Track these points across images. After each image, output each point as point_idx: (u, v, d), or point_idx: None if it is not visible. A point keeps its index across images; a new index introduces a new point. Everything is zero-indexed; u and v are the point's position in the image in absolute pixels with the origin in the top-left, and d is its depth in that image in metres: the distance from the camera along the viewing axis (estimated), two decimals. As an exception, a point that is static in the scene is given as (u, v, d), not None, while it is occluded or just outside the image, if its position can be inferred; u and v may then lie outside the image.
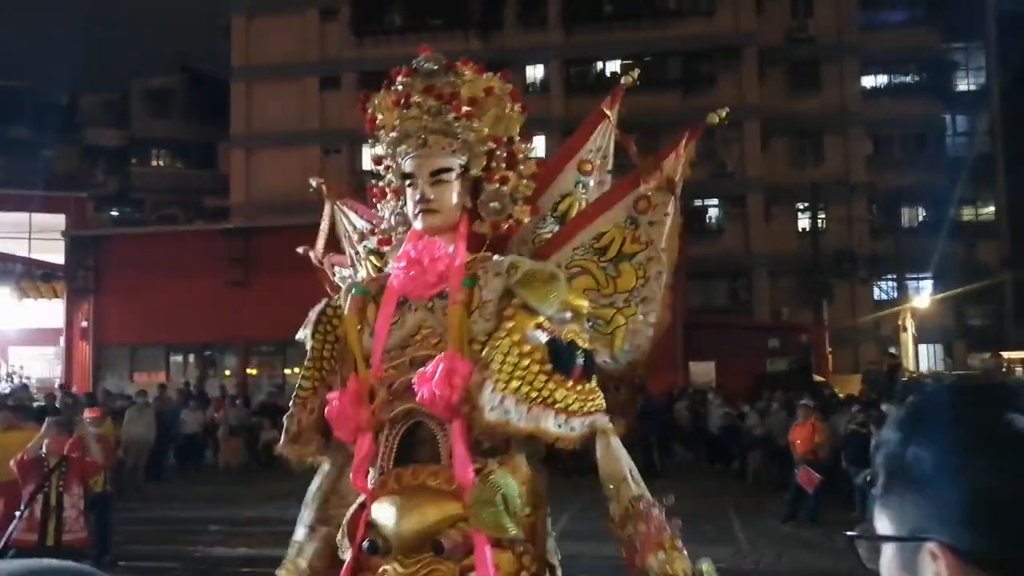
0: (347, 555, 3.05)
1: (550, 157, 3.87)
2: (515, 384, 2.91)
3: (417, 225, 3.26)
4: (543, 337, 3.01)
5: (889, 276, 33.82)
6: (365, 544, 2.95)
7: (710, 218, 32.68)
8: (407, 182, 3.30)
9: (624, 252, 3.40)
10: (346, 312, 3.29)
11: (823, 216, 31.26)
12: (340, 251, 3.92)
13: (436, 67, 3.39)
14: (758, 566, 10.64)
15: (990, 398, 1.00)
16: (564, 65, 32.69)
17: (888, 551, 1.03)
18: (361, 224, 3.80)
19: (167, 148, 41.58)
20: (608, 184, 3.66)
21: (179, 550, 11.16)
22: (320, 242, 3.94)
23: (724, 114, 3.74)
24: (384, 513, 2.93)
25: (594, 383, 3.11)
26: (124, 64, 41.79)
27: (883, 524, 1.04)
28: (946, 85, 36.01)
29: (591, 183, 3.59)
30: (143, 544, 11.32)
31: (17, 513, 8.17)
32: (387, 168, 3.45)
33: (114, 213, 40.18)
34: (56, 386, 23.52)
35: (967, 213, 35.42)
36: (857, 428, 13.46)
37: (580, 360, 3.03)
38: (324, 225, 3.93)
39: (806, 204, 31.08)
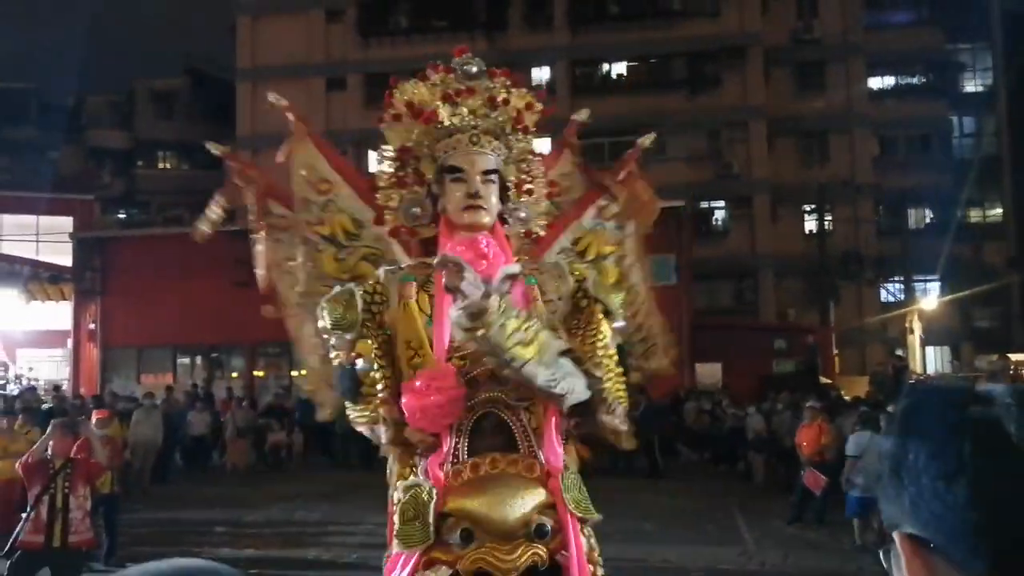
0: (414, 548, 2.99)
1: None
2: (619, 393, 3.23)
3: (464, 219, 3.33)
4: (617, 341, 3.30)
5: (896, 278, 33.76)
6: (458, 534, 2.97)
7: (716, 219, 32.66)
8: (450, 176, 3.35)
9: (601, 253, 3.82)
10: (397, 299, 3.26)
11: (829, 217, 31.23)
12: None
13: (477, 70, 3.49)
14: (764, 567, 10.62)
15: (952, 403, 1.01)
16: (570, 66, 32.68)
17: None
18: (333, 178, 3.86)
19: (172, 150, 41.65)
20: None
21: (185, 551, 11.13)
22: (280, 156, 4.01)
23: (651, 138, 4.26)
24: (477, 502, 2.98)
25: None
26: (129, 66, 41.89)
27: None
28: (952, 86, 35.97)
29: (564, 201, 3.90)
30: (150, 545, 11.33)
31: (23, 515, 8.21)
32: (414, 158, 3.46)
33: (120, 215, 40.27)
34: (52, 388, 23.58)
35: (974, 214, 35.37)
36: (864, 430, 13.43)
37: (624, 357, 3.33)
38: (286, 149, 4.00)
39: (812, 205, 31.03)
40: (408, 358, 3.17)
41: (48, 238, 29.55)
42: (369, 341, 3.25)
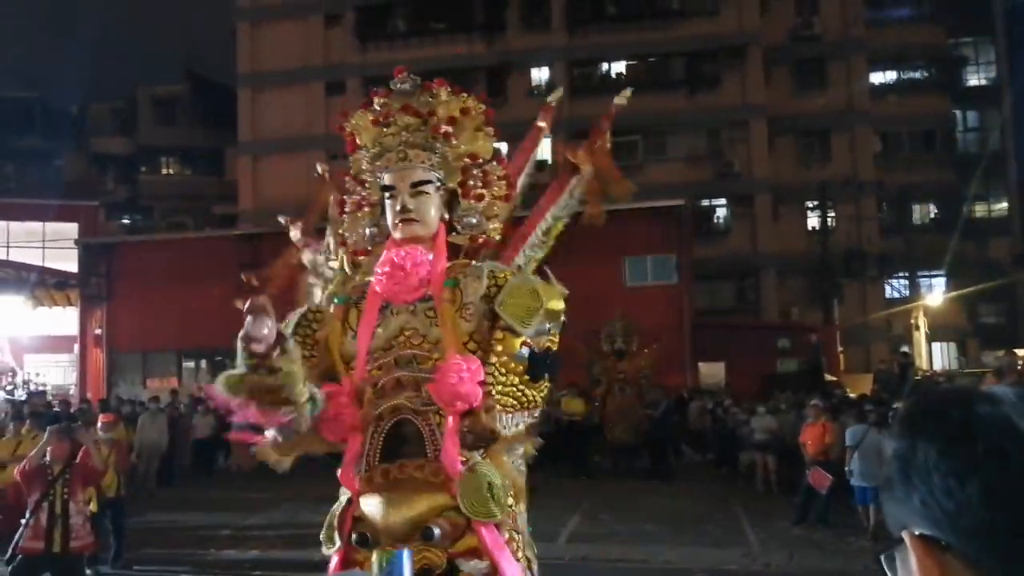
0: (333, 550, 3.31)
1: (555, 159, 4.12)
2: (505, 400, 3.23)
3: (397, 234, 3.48)
4: (525, 352, 3.27)
5: (900, 274, 33.70)
6: (354, 537, 3.18)
7: (717, 218, 32.63)
8: (387, 194, 3.52)
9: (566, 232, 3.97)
10: (329, 319, 3.49)
11: (832, 215, 31.18)
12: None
13: (410, 87, 3.59)
14: (768, 568, 10.62)
15: (959, 402, 1.02)
16: (568, 67, 32.67)
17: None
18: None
19: (175, 155, 41.72)
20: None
21: (191, 554, 11.21)
22: (309, 221, 4.20)
23: (628, 95, 4.46)
24: (373, 506, 3.14)
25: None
26: (131, 73, 41.99)
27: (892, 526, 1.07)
28: (955, 81, 35.90)
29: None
30: (156, 548, 11.38)
31: (23, 521, 8.23)
32: (365, 183, 3.68)
33: (125, 221, 40.37)
34: (60, 394, 23.62)
35: (979, 210, 35.28)
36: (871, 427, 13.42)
37: (548, 362, 3.33)
38: (318, 207, 4.13)
39: (814, 203, 31.00)
40: (339, 370, 3.41)
41: (54, 244, 29.66)
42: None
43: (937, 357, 32.57)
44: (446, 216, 3.58)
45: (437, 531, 3.07)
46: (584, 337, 17.43)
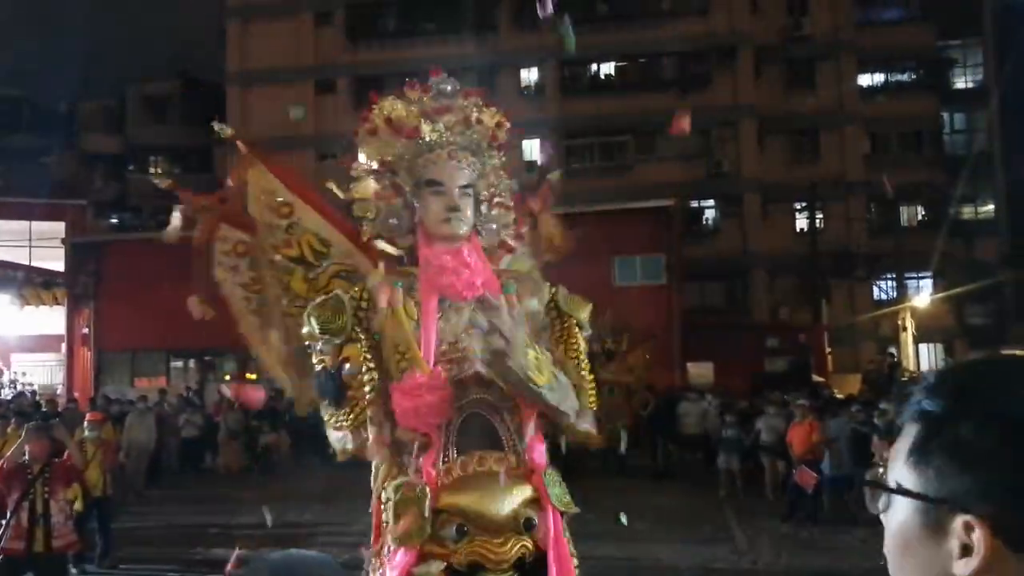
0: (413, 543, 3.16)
1: (544, 157, 4.22)
2: (590, 398, 3.54)
3: (442, 230, 3.48)
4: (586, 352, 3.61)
5: (888, 275, 33.80)
6: (451, 530, 3.15)
7: (706, 219, 32.70)
8: (431, 189, 3.51)
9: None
10: (388, 305, 3.40)
11: (821, 215, 31.25)
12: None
13: (451, 89, 3.67)
14: (756, 565, 10.66)
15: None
16: (559, 67, 32.69)
17: (906, 510, 1.03)
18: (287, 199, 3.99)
19: (164, 154, 41.59)
20: None
21: (179, 553, 11.20)
22: (229, 183, 4.15)
23: (557, 176, 4.50)
24: (469, 499, 3.16)
25: None
26: (120, 71, 41.82)
27: (908, 482, 1.03)
28: (943, 82, 36.03)
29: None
30: (144, 547, 11.37)
31: (3, 522, 8.17)
32: (391, 171, 3.62)
33: (113, 220, 40.21)
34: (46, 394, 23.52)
35: (966, 211, 35.41)
36: (857, 427, 13.49)
37: None
38: (234, 177, 4.11)
39: (804, 203, 31.07)
40: (396, 361, 3.35)
41: (41, 243, 29.55)
42: (358, 345, 3.42)
43: (924, 358, 32.69)
44: (474, 221, 3.63)
45: (536, 520, 3.19)
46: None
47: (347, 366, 3.48)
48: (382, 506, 3.39)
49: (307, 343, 3.55)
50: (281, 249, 3.95)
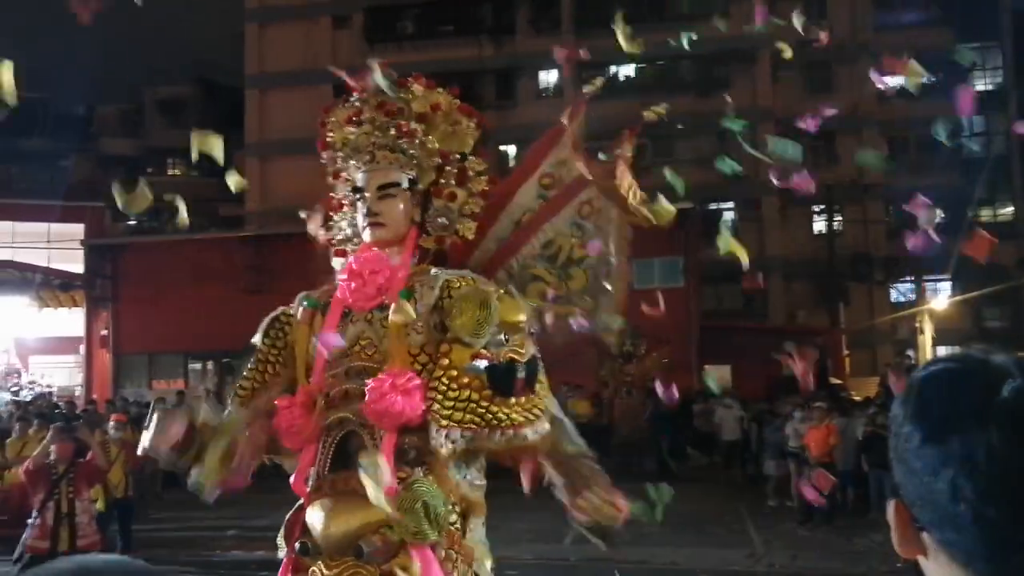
0: (282, 555, 3.31)
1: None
2: (459, 415, 3.02)
3: (365, 238, 3.40)
4: (482, 365, 3.07)
5: (906, 278, 33.66)
6: (297, 545, 3.15)
7: (724, 221, 32.64)
8: (357, 196, 3.43)
9: (572, 259, 3.63)
10: (297, 323, 3.43)
11: (839, 219, 31.13)
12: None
13: (388, 84, 3.43)
14: (772, 568, 10.63)
15: (976, 387, 1.00)
16: (577, 70, 32.66)
17: None
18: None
19: (182, 157, 41.81)
20: None
21: (197, 555, 11.25)
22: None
23: (661, 109, 4.19)
24: (315, 516, 3.09)
25: (540, 388, 3.19)
26: (138, 74, 42.07)
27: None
28: (962, 85, 35.81)
29: (552, 195, 3.73)
30: (161, 549, 11.41)
31: (29, 521, 8.26)
32: (344, 181, 3.56)
33: (131, 222, 40.42)
34: (49, 393, 23.65)
35: (984, 214, 35.21)
36: (875, 430, 13.41)
37: (521, 374, 3.09)
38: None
39: (821, 206, 30.97)
40: (299, 378, 3.37)
41: (59, 246, 29.72)
42: (259, 352, 3.54)
43: (943, 361, 32.45)
44: (417, 218, 3.45)
45: (367, 549, 2.99)
46: (591, 339, 17.44)
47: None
48: None
49: None
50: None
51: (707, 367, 24.80)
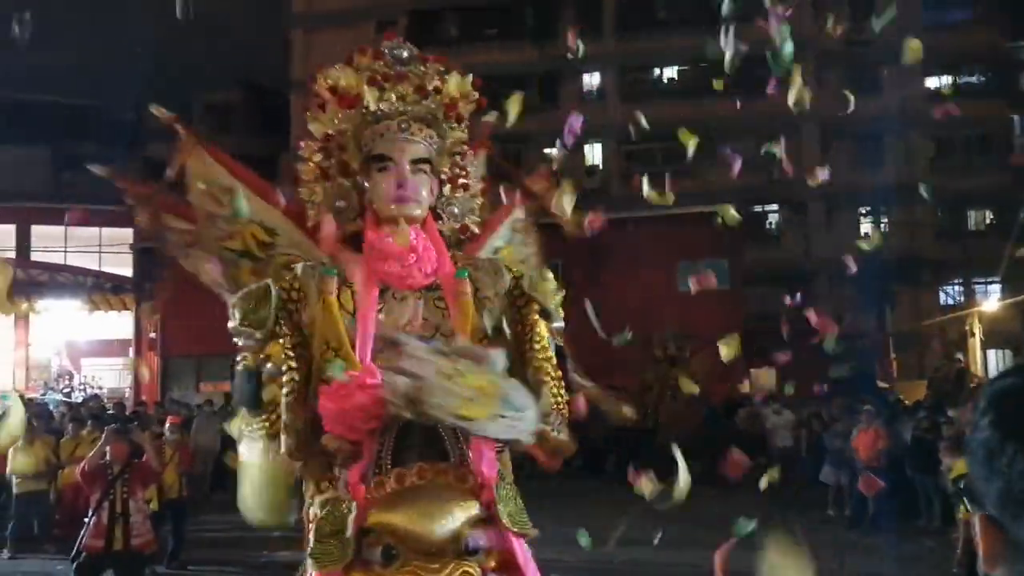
0: (334, 567, 2.71)
1: (607, 164, 4.03)
2: (559, 401, 2.98)
3: (392, 211, 3.07)
4: (553, 345, 3.08)
5: (955, 280, 33.18)
6: (378, 552, 2.69)
7: (769, 224, 32.38)
8: (378, 165, 3.11)
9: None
10: (317, 296, 2.99)
11: (886, 220, 30.78)
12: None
13: (408, 55, 3.26)
14: (820, 573, 10.52)
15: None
16: (619, 72, 32.63)
17: None
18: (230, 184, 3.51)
19: (229, 161, 42.35)
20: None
21: (244, 555, 11.36)
22: (169, 172, 3.62)
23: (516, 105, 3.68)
24: (401, 517, 2.68)
25: None
26: (186, 80, 42.67)
27: None
28: (1012, 85, 35.28)
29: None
30: (210, 549, 11.56)
31: (85, 520, 8.44)
32: (339, 147, 3.26)
33: (179, 226, 41.00)
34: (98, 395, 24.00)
35: (1035, 215, 34.61)
36: (923, 434, 13.26)
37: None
38: (176, 163, 3.61)
39: (868, 209, 30.64)
40: (326, 360, 2.91)
41: (110, 249, 30.20)
42: (281, 341, 3.01)
43: (993, 364, 32.00)
44: (432, 202, 3.22)
45: (482, 542, 2.72)
46: (637, 342, 17.44)
47: (268, 366, 3.11)
48: (310, 524, 2.92)
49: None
50: (224, 241, 3.46)
51: (753, 370, 24.69)
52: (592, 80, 33.22)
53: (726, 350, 4.10)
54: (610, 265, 20.72)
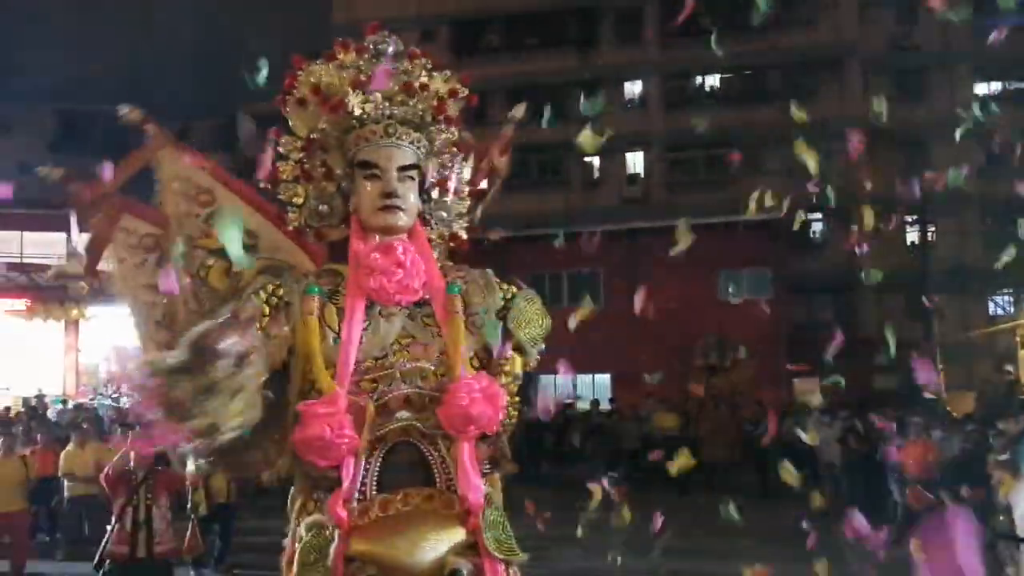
0: None
1: (649, 173, 3.98)
2: (509, 426, 3.01)
3: (378, 221, 2.95)
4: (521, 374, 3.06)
5: (1005, 290, 32.63)
6: None
7: (813, 232, 32.08)
8: (363, 172, 2.97)
9: None
10: (302, 313, 2.83)
11: (933, 229, 30.37)
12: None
13: (393, 50, 3.19)
14: (867, 589, 10.37)
15: None
16: (662, 80, 32.53)
17: None
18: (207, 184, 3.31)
19: (274, 170, 42.77)
20: None
21: (288, 561, 11.41)
22: (127, 171, 3.50)
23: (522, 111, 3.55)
24: (385, 545, 2.60)
25: None
26: (232, 90, 43.21)
27: None
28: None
29: None
30: (256, 553, 11.63)
31: (108, 527, 8.44)
32: (322, 149, 3.08)
33: (224, 235, 41.46)
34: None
35: (1089, 224, 33.97)
36: (972, 447, 13.03)
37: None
38: (136, 163, 3.50)
39: (915, 217, 30.25)
40: (303, 379, 2.81)
41: (157, 257, 30.60)
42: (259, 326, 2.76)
43: (1045, 376, 31.41)
44: (420, 209, 3.07)
45: (466, 571, 2.65)
46: (678, 352, 17.36)
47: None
48: (296, 544, 2.81)
49: None
50: (199, 240, 3.20)
51: (795, 380, 24.46)
52: (634, 88, 33.12)
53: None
54: (651, 274, 20.65)
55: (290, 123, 3.18)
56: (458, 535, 2.68)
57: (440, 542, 2.63)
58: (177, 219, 3.25)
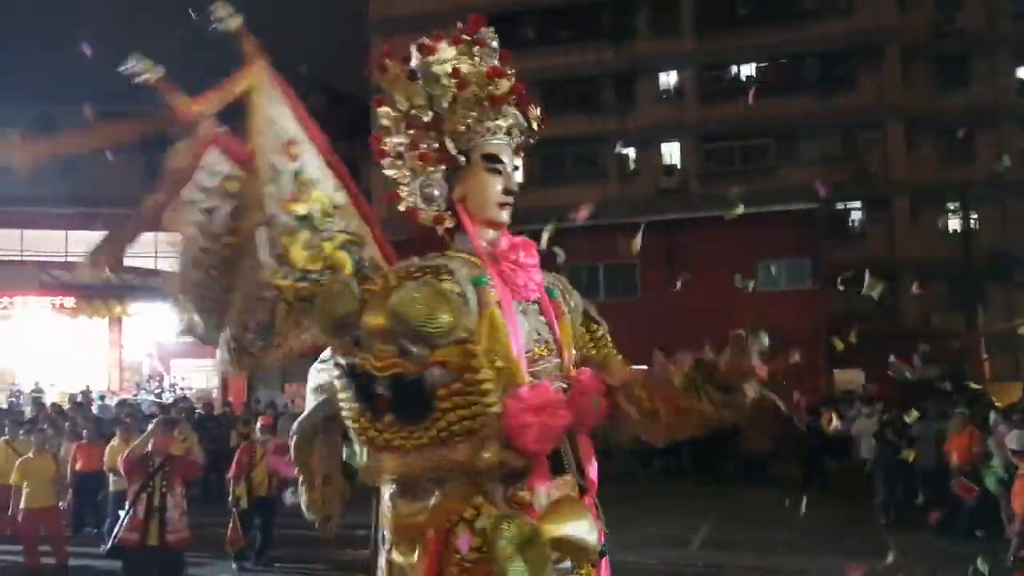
0: None
1: (685, 164, 3.94)
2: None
3: (500, 216, 2.90)
4: None
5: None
6: (567, 565, 2.67)
7: (852, 221, 31.75)
8: (488, 165, 2.89)
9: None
10: (479, 306, 2.71)
11: (975, 217, 29.96)
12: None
13: (497, 47, 3.10)
14: (912, 582, 10.28)
15: None
16: (698, 71, 32.34)
17: None
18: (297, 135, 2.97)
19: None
20: None
21: (328, 553, 11.49)
22: (220, 98, 2.94)
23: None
24: (579, 529, 2.55)
25: None
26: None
27: None
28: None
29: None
30: (294, 547, 11.73)
31: (121, 513, 8.45)
32: (440, 131, 2.92)
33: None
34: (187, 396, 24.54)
35: None
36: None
37: None
38: (240, 84, 2.96)
39: (956, 204, 29.86)
40: (517, 374, 2.72)
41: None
42: (467, 346, 2.59)
43: (1092, 365, 30.89)
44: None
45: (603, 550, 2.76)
46: (716, 342, 17.18)
47: (436, 372, 2.54)
48: (475, 539, 2.60)
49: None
50: (289, 204, 2.88)
51: (837, 371, 24.25)
52: (669, 79, 32.95)
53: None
54: (688, 265, 20.54)
55: (391, 93, 3.07)
56: (590, 513, 2.66)
57: (593, 523, 2.64)
58: (264, 170, 2.87)
